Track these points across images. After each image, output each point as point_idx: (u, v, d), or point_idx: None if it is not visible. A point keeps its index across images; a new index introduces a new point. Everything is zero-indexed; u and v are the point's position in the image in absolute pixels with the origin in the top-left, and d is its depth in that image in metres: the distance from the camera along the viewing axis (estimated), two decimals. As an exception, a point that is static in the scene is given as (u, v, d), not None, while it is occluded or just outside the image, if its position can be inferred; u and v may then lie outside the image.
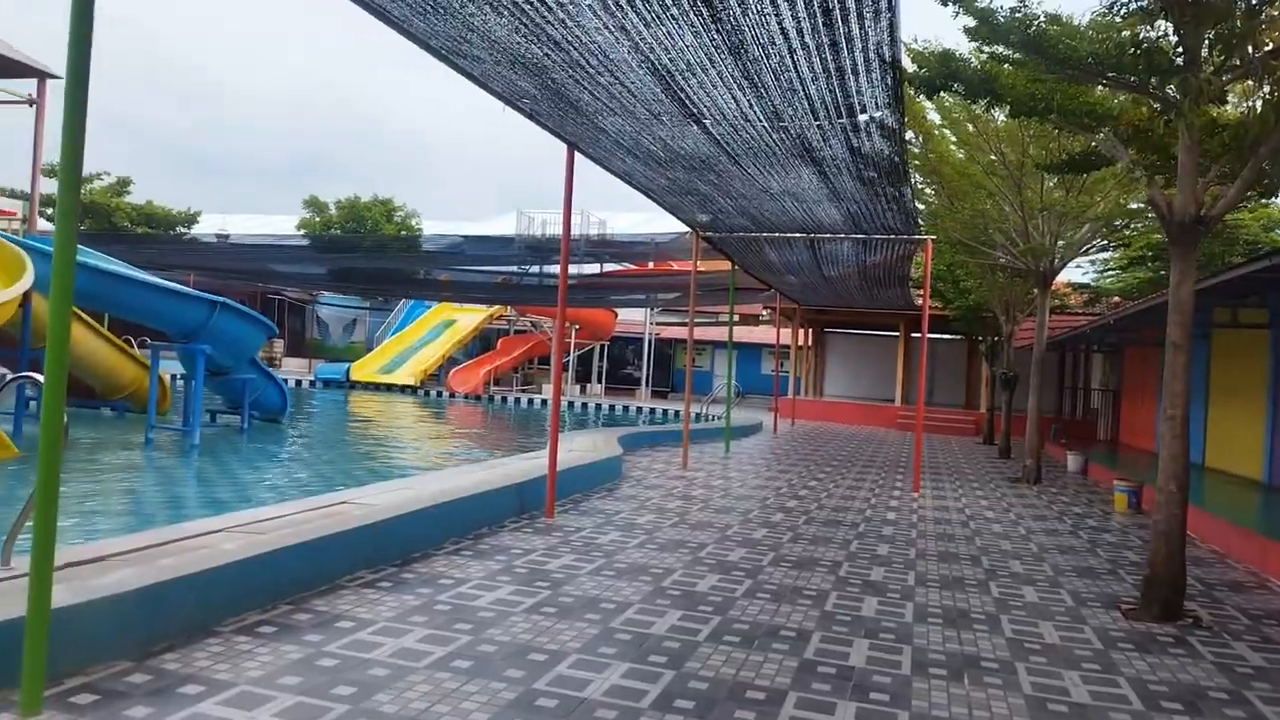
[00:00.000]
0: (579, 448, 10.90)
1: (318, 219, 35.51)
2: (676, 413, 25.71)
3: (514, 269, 30.95)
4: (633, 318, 34.39)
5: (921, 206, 13.41)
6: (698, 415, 21.91)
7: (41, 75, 13.32)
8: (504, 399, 29.21)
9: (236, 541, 4.82)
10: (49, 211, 24.90)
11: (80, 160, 3.35)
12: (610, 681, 3.90)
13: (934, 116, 13.43)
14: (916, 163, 12.84)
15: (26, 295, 11.09)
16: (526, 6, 4.47)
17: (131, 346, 15.59)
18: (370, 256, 26.79)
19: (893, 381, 27.47)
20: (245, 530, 5.12)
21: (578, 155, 7.94)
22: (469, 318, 33.19)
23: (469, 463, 12.03)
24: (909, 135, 11.03)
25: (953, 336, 26.16)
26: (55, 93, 13.58)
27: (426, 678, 3.80)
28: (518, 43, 5.05)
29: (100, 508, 8.23)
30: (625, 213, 35.89)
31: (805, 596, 5.63)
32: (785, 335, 27.39)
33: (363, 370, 30.73)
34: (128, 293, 12.97)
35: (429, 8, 4.62)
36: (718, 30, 4.67)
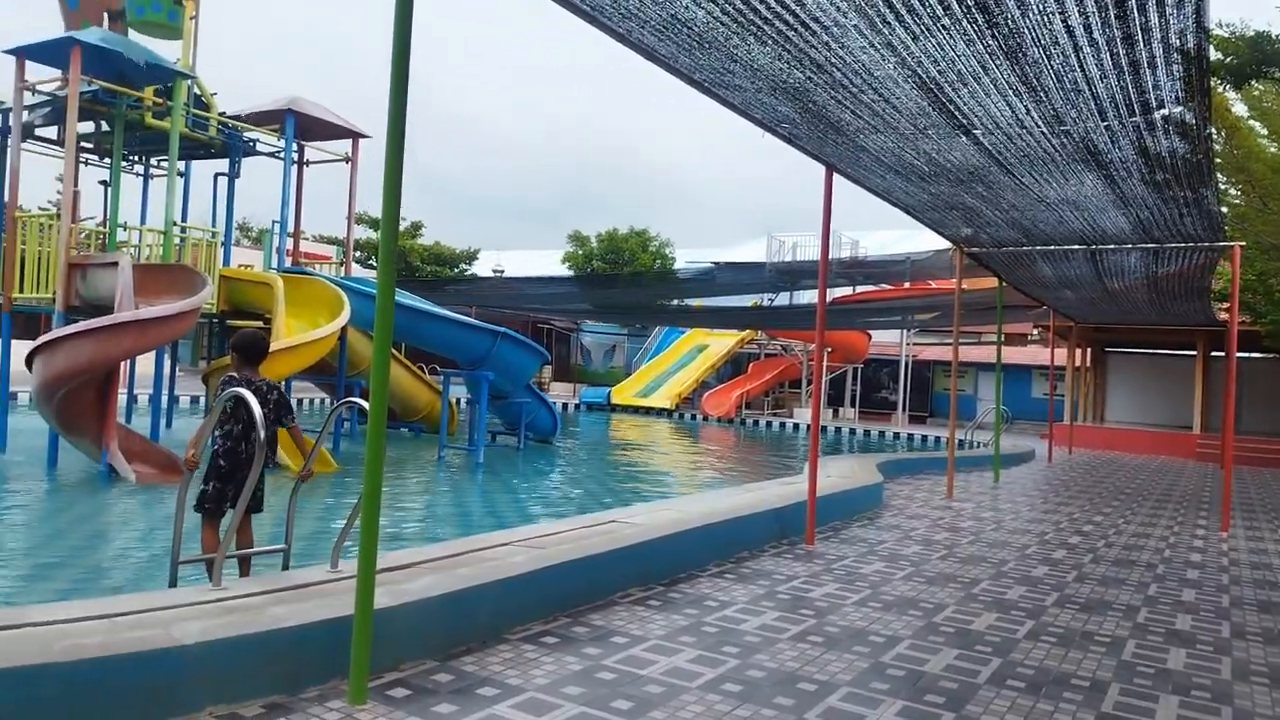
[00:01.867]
0: (836, 474, 10.66)
1: (580, 251, 37.63)
2: (937, 439, 24.46)
3: (765, 295, 31.09)
4: (887, 339, 33.26)
5: (1225, 209, 11.92)
6: (961, 442, 20.74)
7: (355, 135, 15.23)
8: (756, 422, 29.26)
9: (522, 555, 5.17)
10: (358, 254, 28.26)
11: (397, 215, 3.76)
12: (885, 719, 3.77)
13: (1240, 108, 11.92)
14: (1219, 161, 11.44)
15: (343, 329, 12.64)
16: (791, 34, 4.50)
17: (424, 373, 17.31)
18: (628, 291, 27.96)
19: (1190, 406, 24.49)
20: (529, 544, 5.48)
21: (836, 176, 7.84)
22: (721, 342, 33.66)
23: (727, 485, 12.16)
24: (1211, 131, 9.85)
25: (1265, 355, 22.92)
26: (365, 150, 15.49)
27: (698, 699, 3.85)
28: (780, 69, 5.08)
29: (404, 518, 9.15)
30: (877, 231, 34.93)
31: (1097, 643, 5.13)
32: (1059, 355, 25.29)
33: (622, 394, 32.01)
34: (426, 326, 14.43)
35: (695, 44, 4.78)
36: (993, 36, 4.44)
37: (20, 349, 11.37)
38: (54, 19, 12.74)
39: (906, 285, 26.67)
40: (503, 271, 34.68)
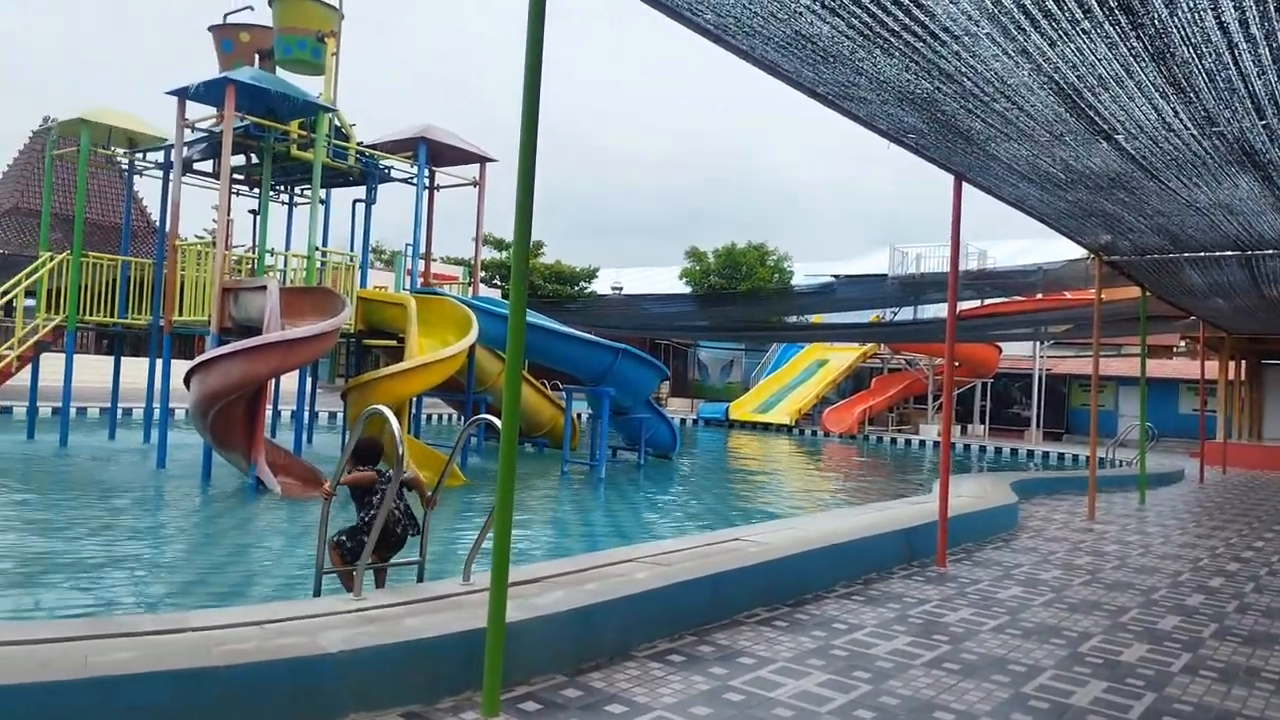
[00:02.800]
0: (967, 493, 10.29)
1: (698, 267, 37.65)
2: (1075, 457, 23.26)
3: (888, 309, 30.32)
4: (1018, 352, 31.89)
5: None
6: (1102, 460, 19.65)
7: (482, 160, 15.76)
8: (879, 439, 28.55)
9: (647, 571, 5.19)
10: (483, 274, 29.14)
11: (528, 238, 3.85)
12: (1029, 753, 3.59)
13: None
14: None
15: (471, 347, 13.06)
16: (919, 45, 4.41)
17: (546, 389, 17.68)
18: (746, 306, 27.77)
19: (1364, 423, 22.46)
20: (653, 561, 5.51)
21: (965, 185, 7.61)
22: (841, 357, 33.03)
23: (852, 504, 11.90)
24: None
25: None
26: (492, 173, 16.02)
27: (830, 724, 3.77)
28: (907, 80, 4.98)
29: (530, 533, 9.34)
30: (1006, 240, 33.63)
31: (1266, 680, 4.75)
32: (1210, 368, 23.67)
33: (740, 410, 31.81)
34: (549, 343, 14.73)
35: (819, 58, 4.73)
36: (1138, 37, 4.22)
37: (179, 368, 12.24)
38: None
39: (1039, 296, 25.46)
40: (621, 289, 35.08)
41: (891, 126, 6.12)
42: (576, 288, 36.40)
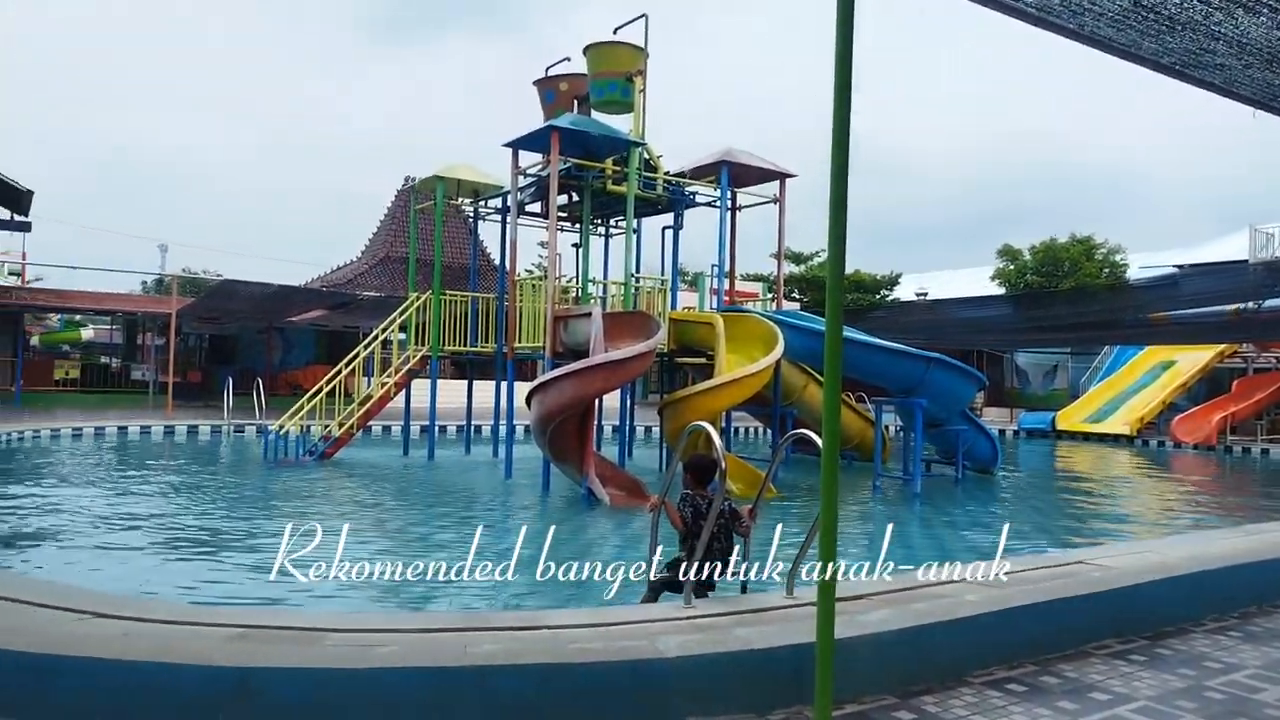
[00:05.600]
0: (1375, 515, 8.64)
1: (1012, 267, 35.08)
2: None
3: (1248, 302, 26.20)
4: None
5: None
6: None
7: (782, 177, 15.90)
8: (1245, 450, 24.75)
9: (977, 594, 4.92)
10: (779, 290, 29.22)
11: (843, 255, 3.76)
12: None
13: None
14: None
15: (776, 361, 13.17)
16: (1293, -3, 3.83)
17: (851, 400, 17.34)
18: (1071, 304, 25.38)
19: None
20: (983, 583, 5.21)
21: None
22: (1191, 357, 29.10)
23: (1219, 526, 10.45)
24: None
25: None
26: (790, 189, 16.08)
27: (1210, 776, 3.34)
28: (1278, 38, 4.33)
29: (846, 547, 9.19)
30: None
31: None
32: None
33: (1069, 419, 29.12)
34: (856, 354, 14.45)
35: (1163, 27, 4.27)
36: None
37: (520, 390, 13.54)
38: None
39: None
40: (926, 294, 33.55)
41: (1257, 92, 5.35)
42: (878, 296, 35.37)
